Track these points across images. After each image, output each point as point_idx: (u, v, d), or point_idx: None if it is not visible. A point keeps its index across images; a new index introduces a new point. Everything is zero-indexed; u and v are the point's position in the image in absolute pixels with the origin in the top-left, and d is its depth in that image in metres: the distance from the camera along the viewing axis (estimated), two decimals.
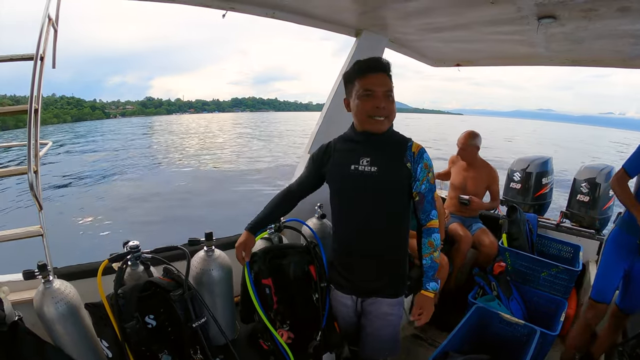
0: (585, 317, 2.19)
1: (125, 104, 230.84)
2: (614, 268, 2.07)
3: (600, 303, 2.10)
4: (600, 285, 2.12)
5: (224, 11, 2.01)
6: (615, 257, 2.07)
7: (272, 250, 1.82)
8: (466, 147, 3.14)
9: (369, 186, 1.47)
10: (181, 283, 1.51)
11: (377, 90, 1.44)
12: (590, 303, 2.15)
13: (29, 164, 1.58)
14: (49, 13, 1.79)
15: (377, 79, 1.45)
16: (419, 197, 1.51)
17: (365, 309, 1.67)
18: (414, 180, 1.50)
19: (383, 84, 1.45)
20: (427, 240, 1.55)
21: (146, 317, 1.47)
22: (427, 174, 1.50)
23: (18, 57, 1.80)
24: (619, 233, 2.08)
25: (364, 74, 1.46)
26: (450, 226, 3.08)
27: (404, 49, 3.07)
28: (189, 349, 1.54)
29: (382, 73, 1.46)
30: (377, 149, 1.49)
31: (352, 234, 1.57)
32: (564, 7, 1.82)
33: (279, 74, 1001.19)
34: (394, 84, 1.49)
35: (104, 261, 1.54)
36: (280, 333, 1.72)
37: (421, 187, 1.50)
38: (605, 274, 2.11)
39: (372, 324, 1.67)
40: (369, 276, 1.59)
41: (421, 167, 1.49)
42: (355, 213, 1.52)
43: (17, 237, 1.69)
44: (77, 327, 1.52)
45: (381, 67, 1.47)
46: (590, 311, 2.15)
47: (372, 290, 1.62)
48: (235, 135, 44.16)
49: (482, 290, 2.64)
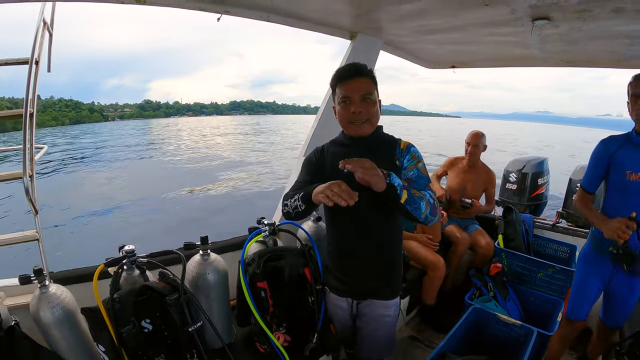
0: (561, 332, 2.18)
1: (124, 107, 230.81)
2: (588, 286, 2.02)
3: (575, 321, 2.07)
4: (575, 304, 2.08)
5: (218, 15, 2.02)
6: (587, 275, 2.03)
7: (267, 253, 1.82)
8: (479, 144, 3.15)
9: (362, 188, 1.46)
10: (177, 287, 1.51)
11: (353, 96, 1.45)
12: (567, 321, 2.12)
13: (24, 169, 1.58)
14: (44, 17, 1.79)
15: (352, 85, 1.46)
16: (407, 182, 1.45)
17: (360, 311, 1.67)
18: (401, 171, 1.49)
19: (359, 89, 1.45)
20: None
21: (142, 322, 1.47)
22: (417, 164, 1.47)
23: (13, 61, 1.81)
24: (590, 250, 2.04)
25: (342, 81, 1.48)
26: (447, 228, 3.09)
27: (398, 51, 3.07)
28: (186, 352, 1.54)
29: (358, 78, 1.47)
30: (367, 151, 1.48)
31: (347, 236, 1.58)
32: (558, 9, 1.83)
33: (276, 77, 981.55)
34: (377, 86, 1.50)
35: (99, 265, 1.54)
36: (276, 336, 1.73)
37: (408, 173, 1.47)
38: (579, 292, 2.06)
39: (368, 326, 1.67)
40: (364, 278, 1.60)
41: (408, 158, 1.49)
42: (349, 216, 1.51)
43: (12, 242, 1.69)
44: (73, 332, 1.52)
45: (357, 72, 1.48)
46: (566, 329, 2.13)
47: (368, 292, 1.62)
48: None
49: (479, 291, 2.65)
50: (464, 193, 3.21)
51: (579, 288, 2.07)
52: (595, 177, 1.96)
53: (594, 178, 1.96)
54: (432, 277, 2.69)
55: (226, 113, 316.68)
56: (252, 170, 18.88)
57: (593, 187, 1.98)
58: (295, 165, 2.60)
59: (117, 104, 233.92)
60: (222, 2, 1.94)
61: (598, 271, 1.99)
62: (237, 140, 39.29)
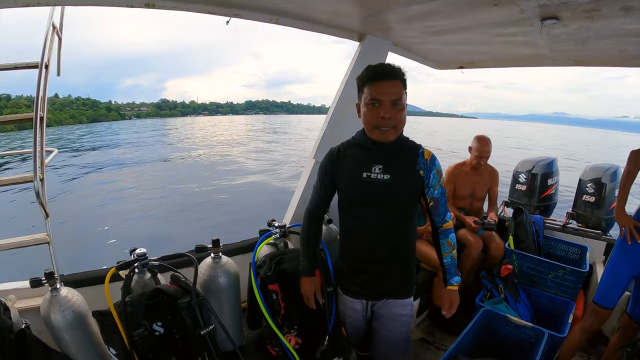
0: (584, 323, 2.14)
1: (140, 106, 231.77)
2: (621, 273, 2.01)
3: (603, 308, 2.04)
4: (605, 289, 2.05)
5: (227, 18, 2.02)
6: (621, 260, 2.02)
7: (278, 256, 1.82)
8: (489, 154, 3.07)
9: (383, 194, 1.46)
10: (189, 290, 1.51)
11: (383, 99, 1.39)
12: (592, 308, 2.08)
13: (35, 172, 1.58)
14: (53, 21, 1.80)
15: (384, 87, 1.39)
16: (434, 202, 1.53)
17: (376, 312, 1.67)
18: (427, 187, 1.51)
19: (391, 93, 1.39)
20: (445, 241, 1.58)
21: (154, 325, 1.48)
22: (439, 180, 1.52)
23: (23, 65, 1.82)
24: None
25: (372, 81, 1.41)
26: (460, 232, 3.04)
27: (407, 53, 3.06)
28: (197, 355, 1.53)
29: (390, 80, 1.40)
30: (389, 156, 1.47)
31: (363, 239, 1.55)
32: (567, 8, 1.81)
33: (291, 77, 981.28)
34: (406, 90, 1.44)
35: (111, 269, 1.54)
36: (287, 338, 1.72)
37: (434, 192, 1.52)
38: (611, 278, 2.04)
39: (386, 327, 1.67)
40: (379, 279, 1.59)
41: (434, 174, 1.50)
42: (368, 220, 1.50)
43: (23, 245, 1.69)
44: (84, 335, 1.52)
45: (390, 73, 1.41)
46: (591, 317, 2.09)
47: (383, 293, 1.62)
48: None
49: (490, 293, 2.62)
50: (473, 198, 3.17)
51: (610, 273, 2.06)
52: None
53: None
54: (442, 279, 2.66)
55: (241, 112, 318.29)
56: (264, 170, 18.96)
57: None
58: (306, 167, 2.59)
59: (134, 103, 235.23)
60: (231, 5, 1.94)
61: (633, 258, 1.98)
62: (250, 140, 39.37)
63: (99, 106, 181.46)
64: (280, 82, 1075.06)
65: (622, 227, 2.01)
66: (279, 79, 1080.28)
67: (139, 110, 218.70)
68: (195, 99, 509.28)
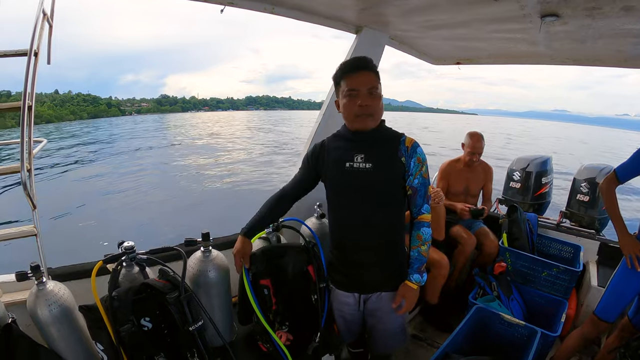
0: (582, 330, 2.11)
1: (141, 102, 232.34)
2: (626, 290, 1.95)
3: (603, 321, 1.99)
4: (608, 305, 1.99)
5: (221, 6, 1.98)
6: (629, 280, 1.94)
7: (270, 250, 1.79)
8: (481, 151, 3.06)
9: (365, 182, 1.49)
10: (177, 285, 1.47)
11: (360, 88, 1.46)
12: (592, 319, 2.04)
13: (22, 163, 1.54)
14: (43, 8, 1.75)
15: (360, 77, 1.47)
16: (412, 190, 1.53)
17: (370, 307, 1.65)
18: (408, 175, 1.52)
19: (366, 82, 1.46)
20: (416, 233, 1.56)
21: (142, 320, 1.45)
22: (421, 168, 1.52)
23: (12, 52, 1.76)
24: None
25: (347, 73, 1.49)
26: (453, 229, 3.02)
27: (404, 47, 3.04)
28: (186, 351, 1.51)
29: (364, 71, 1.48)
30: (370, 145, 1.51)
31: (351, 230, 1.56)
32: (568, 5, 1.80)
33: (291, 73, 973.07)
34: (380, 80, 1.50)
35: (98, 262, 1.50)
36: (279, 335, 1.70)
37: (414, 181, 1.52)
38: (616, 296, 1.97)
39: (382, 320, 1.66)
40: (370, 270, 1.59)
41: (414, 162, 1.50)
42: (353, 209, 1.53)
43: (10, 237, 1.65)
44: (71, 330, 1.49)
45: (364, 65, 1.48)
46: (589, 327, 2.06)
47: (374, 285, 1.61)
48: None
49: (483, 290, 2.61)
50: (467, 194, 3.16)
51: (615, 290, 1.99)
52: (635, 171, 1.93)
53: (632, 171, 1.94)
54: (435, 276, 2.65)
55: (242, 108, 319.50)
56: (257, 165, 18.92)
57: (626, 178, 1.96)
58: (299, 162, 2.57)
59: (134, 99, 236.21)
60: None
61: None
62: (245, 135, 39.35)
63: (99, 102, 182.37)
64: (281, 77, 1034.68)
65: (627, 255, 1.91)
66: (279, 74, 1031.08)
67: (139, 106, 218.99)
68: (195, 94, 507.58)
